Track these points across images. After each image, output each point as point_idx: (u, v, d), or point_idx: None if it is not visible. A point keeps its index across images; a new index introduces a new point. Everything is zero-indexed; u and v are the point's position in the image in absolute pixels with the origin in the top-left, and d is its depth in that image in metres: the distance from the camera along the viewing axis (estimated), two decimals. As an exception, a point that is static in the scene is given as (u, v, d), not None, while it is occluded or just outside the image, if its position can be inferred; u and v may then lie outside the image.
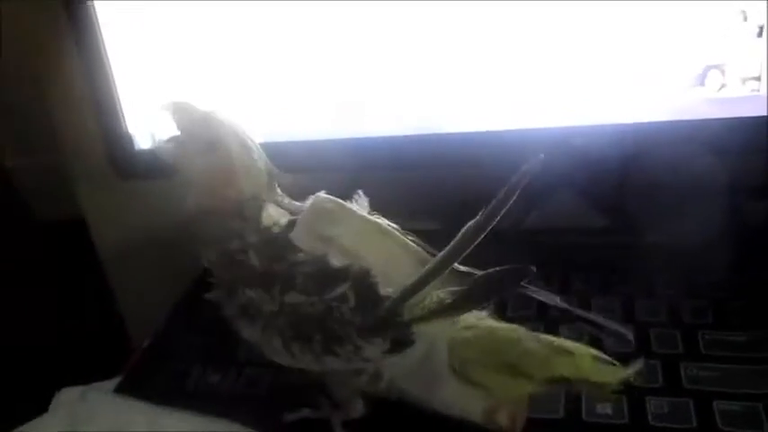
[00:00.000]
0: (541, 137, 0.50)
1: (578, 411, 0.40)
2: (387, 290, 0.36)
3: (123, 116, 0.58)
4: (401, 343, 0.36)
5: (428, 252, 0.39)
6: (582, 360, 0.35)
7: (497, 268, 0.34)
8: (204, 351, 0.49)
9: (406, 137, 0.53)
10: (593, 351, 0.35)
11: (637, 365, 0.34)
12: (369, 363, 0.37)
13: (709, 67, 0.48)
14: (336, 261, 0.37)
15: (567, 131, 0.51)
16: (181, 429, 0.42)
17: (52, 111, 0.65)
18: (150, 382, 0.48)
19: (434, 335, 0.37)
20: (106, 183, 0.60)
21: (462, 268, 0.37)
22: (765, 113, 0.47)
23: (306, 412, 0.42)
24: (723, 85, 0.48)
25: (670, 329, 0.45)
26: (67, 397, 0.47)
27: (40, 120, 0.65)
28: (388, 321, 0.36)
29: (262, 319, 0.37)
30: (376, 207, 0.42)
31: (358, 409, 0.41)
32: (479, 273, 0.36)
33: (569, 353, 0.35)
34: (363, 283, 0.36)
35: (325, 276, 0.36)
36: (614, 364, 0.35)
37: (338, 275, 0.36)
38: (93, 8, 0.54)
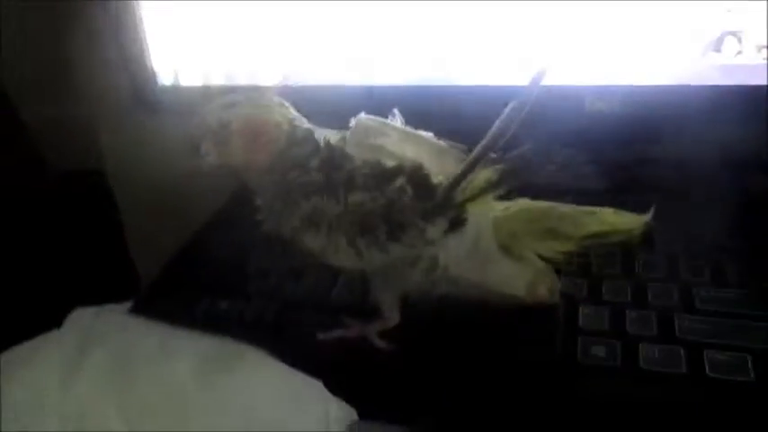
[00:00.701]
0: (555, 95, 0.51)
1: (573, 353, 0.42)
2: (438, 178, 0.41)
3: (148, 52, 0.59)
4: (458, 222, 0.41)
5: (462, 150, 0.44)
6: (605, 215, 0.43)
7: (528, 147, 0.41)
8: (217, 279, 0.51)
9: (417, 87, 0.55)
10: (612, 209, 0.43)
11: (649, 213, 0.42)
12: (430, 246, 0.42)
13: (725, 33, 0.48)
14: (389, 162, 0.42)
15: (580, 90, 0.52)
16: (192, 349, 0.43)
17: (72, 53, 0.65)
18: (164, 305, 0.49)
19: (481, 217, 0.42)
20: (129, 123, 0.61)
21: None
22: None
23: (338, 332, 0.45)
24: (739, 52, 0.49)
25: (668, 284, 0.46)
26: (80, 315, 0.48)
27: (58, 67, 0.66)
28: (445, 204, 0.41)
29: (326, 224, 0.41)
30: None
31: (395, 317, 0.44)
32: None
33: (594, 211, 0.43)
34: (418, 175, 0.41)
35: (383, 174, 0.41)
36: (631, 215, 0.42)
37: (394, 171, 0.41)
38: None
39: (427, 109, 0.52)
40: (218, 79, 0.60)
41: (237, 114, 0.42)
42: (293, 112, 0.43)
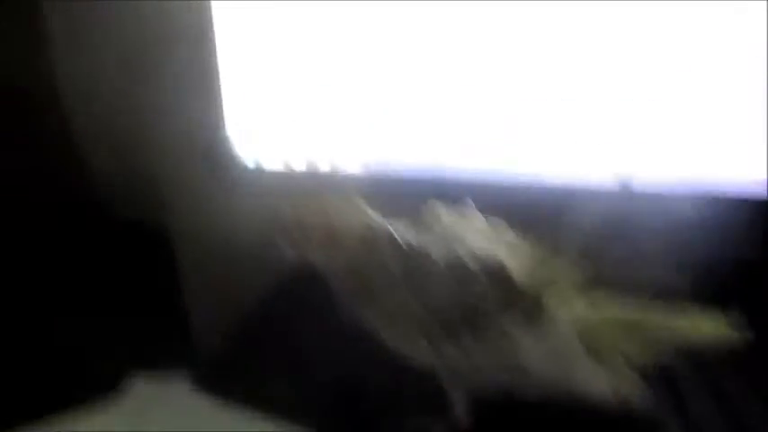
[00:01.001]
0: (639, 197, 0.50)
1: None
2: (518, 274, 0.41)
3: (223, 118, 0.60)
4: (538, 319, 0.41)
5: (539, 246, 0.43)
6: (694, 320, 0.42)
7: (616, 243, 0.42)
8: (280, 360, 0.50)
9: (494, 178, 0.54)
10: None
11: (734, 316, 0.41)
12: (509, 343, 0.40)
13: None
14: (469, 258, 0.41)
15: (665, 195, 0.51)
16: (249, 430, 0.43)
17: (147, 111, 0.66)
18: (226, 382, 0.48)
19: (562, 315, 0.41)
20: (197, 184, 0.62)
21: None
22: None
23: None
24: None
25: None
26: (138, 381, 0.48)
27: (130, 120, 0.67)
28: (526, 300, 0.41)
29: (404, 319, 0.41)
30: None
31: (467, 419, 0.42)
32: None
33: (682, 316, 0.42)
34: (497, 271, 0.41)
35: (463, 270, 0.41)
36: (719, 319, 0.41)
37: (474, 267, 0.41)
38: (210, 10, 0.57)
39: (503, 202, 0.52)
40: (298, 163, 0.61)
41: (316, 214, 0.43)
42: (369, 211, 0.44)
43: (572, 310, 0.42)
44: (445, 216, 0.45)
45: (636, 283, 0.43)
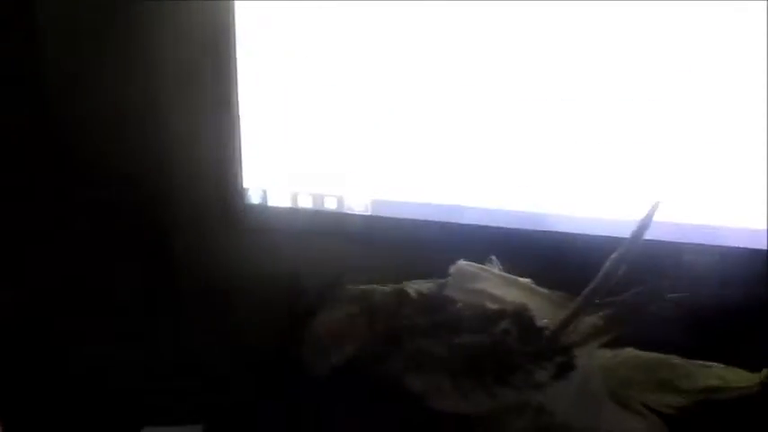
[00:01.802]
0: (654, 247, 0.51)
1: None
2: (543, 322, 0.41)
3: (241, 168, 0.60)
4: (565, 367, 0.41)
5: (561, 297, 0.44)
6: (719, 370, 0.42)
7: (636, 290, 0.41)
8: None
9: (514, 231, 0.54)
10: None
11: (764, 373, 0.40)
12: (536, 390, 0.41)
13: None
14: (492, 301, 0.42)
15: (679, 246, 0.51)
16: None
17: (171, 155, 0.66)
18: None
19: (588, 363, 0.41)
20: (213, 231, 0.61)
21: None
22: None
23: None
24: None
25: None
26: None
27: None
28: (552, 347, 0.41)
29: (430, 365, 0.41)
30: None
31: None
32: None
33: (708, 365, 0.42)
34: (523, 317, 0.41)
35: (487, 315, 0.42)
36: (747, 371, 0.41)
37: (499, 313, 0.42)
38: (235, 58, 0.58)
39: (524, 254, 0.52)
40: (305, 200, 0.61)
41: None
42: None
43: (596, 356, 0.43)
44: (469, 270, 0.46)
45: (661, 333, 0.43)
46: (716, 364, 0.43)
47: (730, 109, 0.49)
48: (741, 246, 0.51)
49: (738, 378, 0.42)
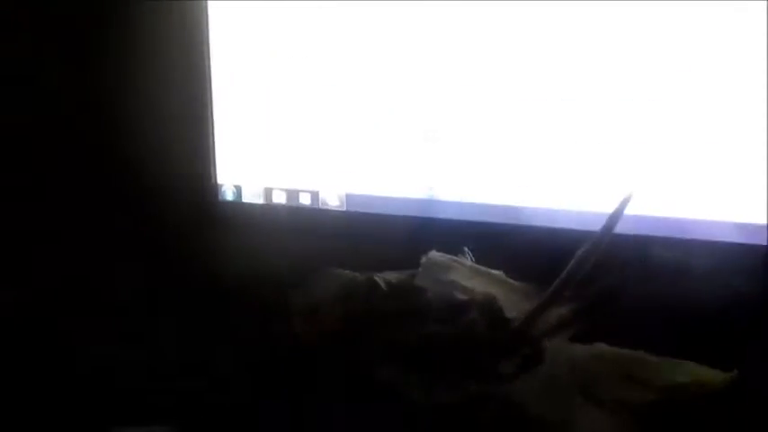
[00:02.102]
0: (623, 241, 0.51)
1: None
2: (511, 313, 0.41)
3: (215, 165, 0.60)
4: (533, 358, 0.40)
5: (532, 289, 0.44)
6: (689, 366, 0.41)
7: (604, 283, 0.42)
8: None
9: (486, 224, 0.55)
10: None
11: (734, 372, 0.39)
12: (503, 383, 0.40)
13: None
14: (460, 292, 0.42)
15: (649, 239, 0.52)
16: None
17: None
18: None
19: (557, 356, 0.41)
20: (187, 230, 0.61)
21: None
22: None
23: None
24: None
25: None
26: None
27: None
28: (520, 338, 0.40)
29: (398, 355, 0.41)
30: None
31: None
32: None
33: (677, 362, 0.41)
34: (490, 308, 0.41)
35: (455, 306, 0.41)
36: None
37: (467, 303, 0.41)
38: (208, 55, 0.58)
39: (497, 247, 0.52)
40: (278, 196, 0.61)
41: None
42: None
43: (567, 351, 0.42)
44: (440, 260, 0.46)
45: (631, 328, 0.43)
46: (687, 361, 0.42)
47: (705, 105, 0.50)
48: (711, 239, 0.51)
49: (709, 376, 0.42)
